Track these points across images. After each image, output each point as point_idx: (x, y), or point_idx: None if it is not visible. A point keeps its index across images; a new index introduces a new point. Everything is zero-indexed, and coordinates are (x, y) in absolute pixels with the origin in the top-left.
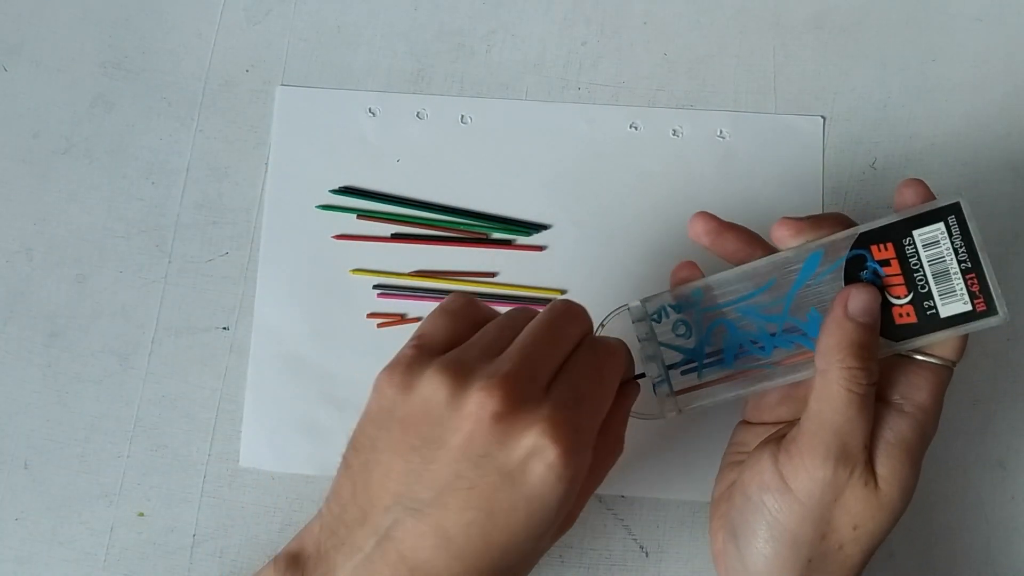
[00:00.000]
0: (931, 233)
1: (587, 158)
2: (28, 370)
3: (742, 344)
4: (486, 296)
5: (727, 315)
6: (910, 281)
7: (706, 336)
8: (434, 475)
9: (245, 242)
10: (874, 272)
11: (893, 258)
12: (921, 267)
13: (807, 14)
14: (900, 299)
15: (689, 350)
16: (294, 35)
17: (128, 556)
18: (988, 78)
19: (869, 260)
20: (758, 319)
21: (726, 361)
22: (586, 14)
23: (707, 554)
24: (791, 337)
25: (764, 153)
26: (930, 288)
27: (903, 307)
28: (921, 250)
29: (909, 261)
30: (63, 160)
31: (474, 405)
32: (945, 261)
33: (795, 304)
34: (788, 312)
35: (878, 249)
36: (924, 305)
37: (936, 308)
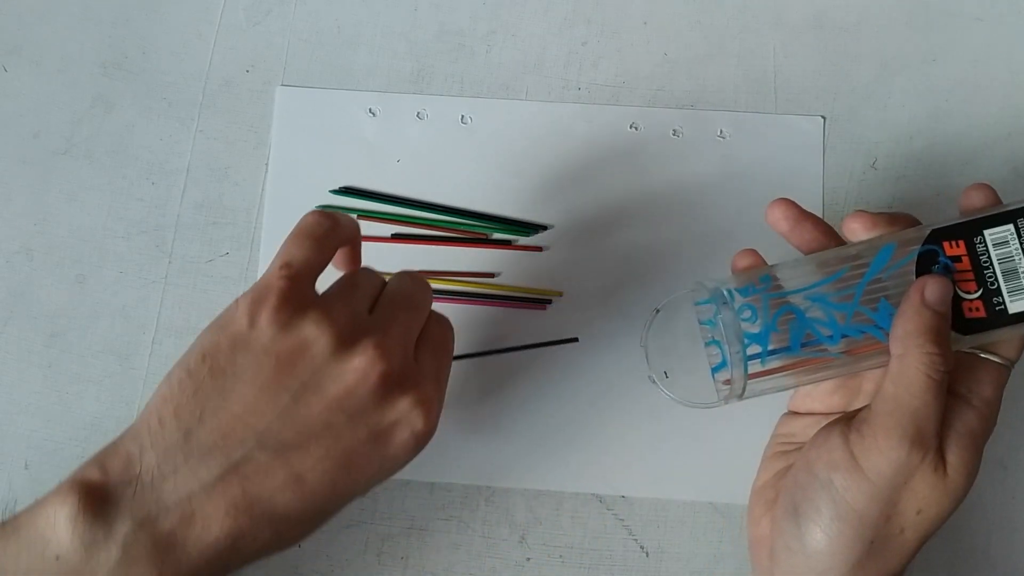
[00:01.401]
0: (1001, 233)
1: (587, 158)
2: (28, 370)
3: (810, 331)
4: (486, 296)
5: (795, 302)
6: (980, 277)
7: (772, 322)
8: (303, 419)
9: (245, 242)
10: (945, 267)
11: (964, 255)
12: (991, 265)
13: (807, 14)
14: (970, 294)
15: (754, 335)
16: (294, 35)
17: None
18: (988, 78)
19: (941, 255)
20: (827, 307)
21: (792, 348)
22: (586, 14)
23: (707, 554)
24: (861, 327)
25: (764, 153)
26: (999, 285)
27: (973, 302)
28: (991, 248)
29: (980, 258)
30: (63, 160)
31: (363, 361)
32: (1014, 260)
33: (866, 294)
34: (858, 302)
35: (950, 245)
36: (993, 301)
37: (1004, 304)
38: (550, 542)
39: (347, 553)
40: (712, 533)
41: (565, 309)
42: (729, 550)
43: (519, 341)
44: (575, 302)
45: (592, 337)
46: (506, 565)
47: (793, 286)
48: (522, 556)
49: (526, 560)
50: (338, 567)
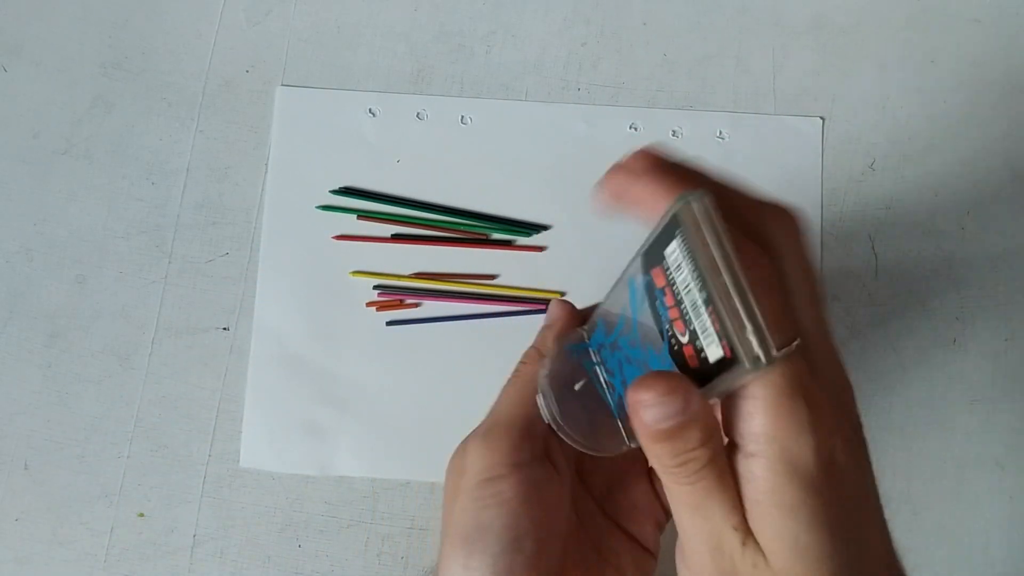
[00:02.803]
0: (675, 254)
1: (587, 158)
2: (28, 370)
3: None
4: (486, 297)
5: (617, 348)
6: (683, 314)
7: (618, 369)
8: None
9: (245, 242)
10: (662, 304)
11: (668, 286)
12: (681, 297)
13: (807, 15)
14: (683, 336)
15: (616, 381)
16: (294, 35)
17: (128, 556)
18: (986, 79)
19: (655, 288)
20: (631, 353)
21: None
22: (586, 15)
23: None
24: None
25: (763, 154)
26: (694, 324)
27: (687, 346)
28: (675, 274)
29: (674, 288)
30: (63, 160)
31: None
32: (692, 291)
33: (643, 338)
34: (640, 346)
35: (656, 274)
36: (696, 346)
37: (705, 351)
38: None
39: (347, 553)
40: None
41: None
42: None
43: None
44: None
45: None
46: None
47: (610, 331)
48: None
49: None
50: (338, 567)
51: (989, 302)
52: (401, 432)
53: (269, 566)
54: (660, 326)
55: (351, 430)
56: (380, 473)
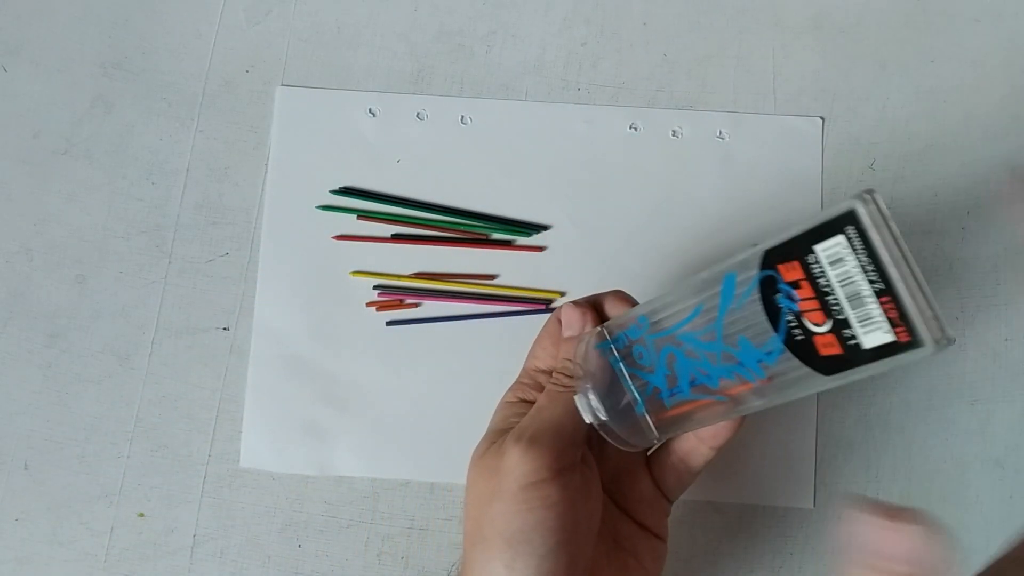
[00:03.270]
0: (834, 248)
1: (587, 159)
2: (28, 370)
3: (692, 373)
4: (486, 297)
5: (674, 342)
6: (825, 305)
7: (661, 363)
8: None
9: (245, 242)
10: (788, 295)
11: (803, 279)
12: (832, 288)
13: (807, 15)
14: (820, 327)
15: (651, 376)
16: (294, 35)
17: (128, 556)
18: (986, 79)
19: (780, 282)
20: (699, 347)
21: (683, 390)
22: (586, 15)
23: (707, 554)
24: (730, 367)
25: (763, 154)
26: (847, 315)
27: (824, 336)
28: (828, 268)
29: (818, 282)
30: (63, 160)
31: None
32: (855, 281)
33: (725, 331)
34: (721, 340)
35: (786, 269)
36: (843, 334)
37: (857, 338)
38: None
39: (347, 553)
40: (712, 533)
41: None
42: (729, 550)
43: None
44: None
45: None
46: None
47: (668, 324)
48: None
49: None
50: (338, 567)
51: (989, 302)
52: (401, 432)
53: (269, 566)
54: (774, 316)
55: (351, 430)
56: (380, 473)
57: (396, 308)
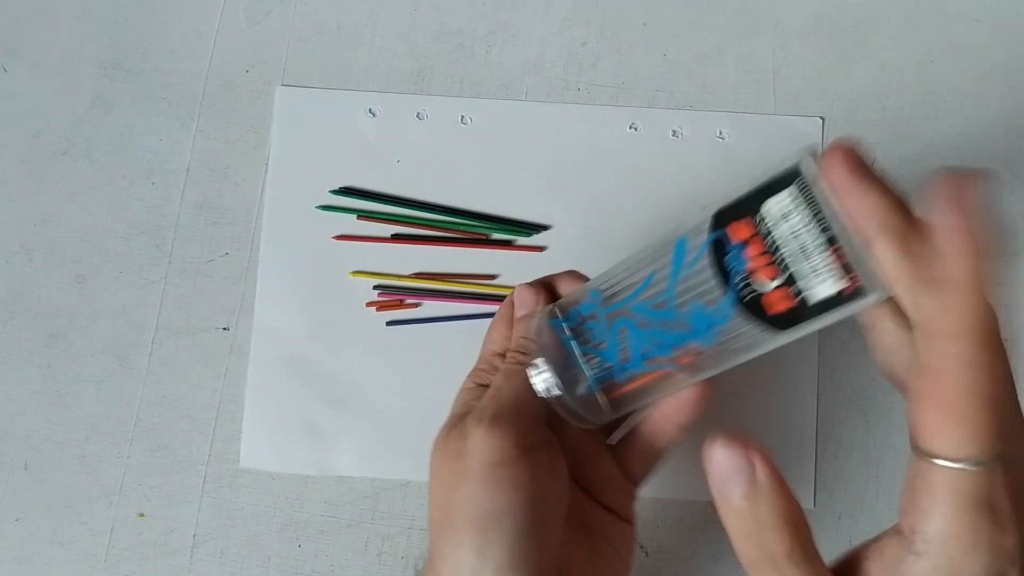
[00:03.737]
0: (782, 203)
1: (587, 159)
2: (28, 370)
3: (645, 344)
4: (486, 297)
5: (626, 314)
6: (776, 261)
7: (613, 338)
8: None
9: (245, 242)
10: (735, 256)
11: (753, 235)
12: (782, 243)
13: (807, 15)
14: (770, 282)
15: (603, 352)
16: (294, 35)
17: (128, 556)
18: (986, 79)
19: (729, 243)
20: (652, 316)
21: (635, 363)
22: (586, 15)
23: (707, 554)
24: (683, 334)
25: (763, 154)
26: (798, 266)
27: (775, 292)
28: (778, 223)
29: (768, 237)
30: (63, 160)
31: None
32: (805, 234)
33: (678, 298)
34: (674, 307)
35: (735, 229)
36: (795, 288)
37: (809, 289)
38: None
39: (347, 553)
40: (712, 533)
41: None
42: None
43: None
44: None
45: None
46: None
47: (620, 297)
48: None
49: None
50: (338, 567)
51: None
52: (401, 432)
53: (269, 566)
54: (725, 279)
55: (351, 430)
56: (380, 473)
57: (396, 308)
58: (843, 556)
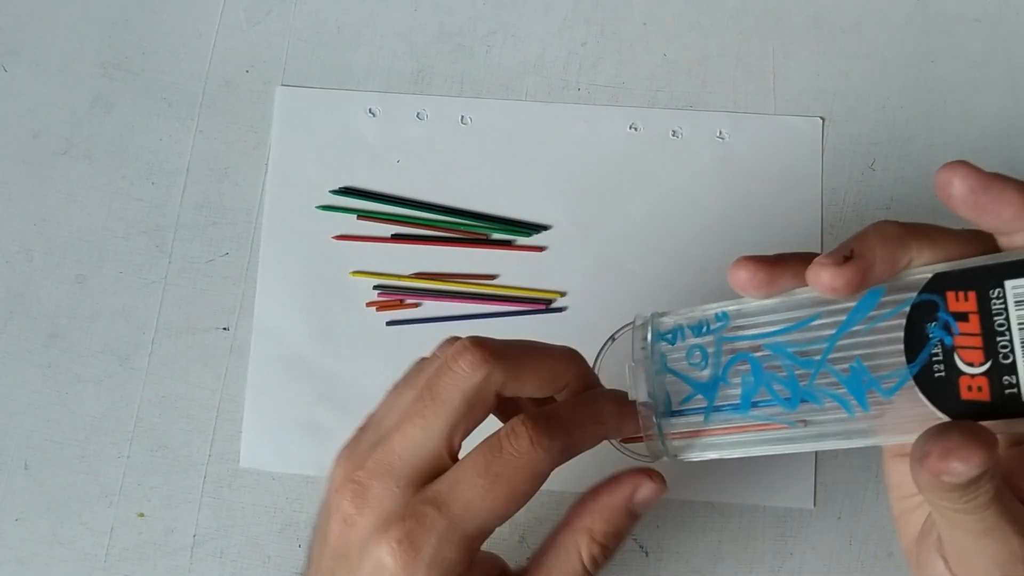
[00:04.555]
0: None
1: (587, 159)
2: (28, 370)
3: (765, 389)
4: (486, 297)
5: (753, 350)
6: (990, 346)
7: (723, 371)
8: None
9: (245, 242)
10: (945, 326)
11: (974, 312)
12: (1008, 330)
13: (807, 15)
14: (973, 367)
15: (700, 384)
16: (294, 35)
17: (128, 556)
18: (987, 79)
19: (942, 310)
20: (789, 361)
21: (742, 406)
22: (586, 15)
23: (707, 554)
24: (825, 391)
25: (763, 154)
26: (1015, 359)
27: (975, 378)
28: (1012, 307)
29: (994, 319)
30: (63, 160)
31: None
32: None
33: (838, 350)
34: (827, 359)
35: (955, 297)
36: (1003, 381)
37: (1019, 387)
38: None
39: None
40: (712, 533)
41: (565, 309)
42: (729, 550)
43: None
44: (574, 301)
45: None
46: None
47: (756, 330)
48: (522, 556)
49: (526, 560)
50: None
51: None
52: None
53: (269, 566)
54: (913, 347)
55: (351, 430)
56: None
57: (396, 308)
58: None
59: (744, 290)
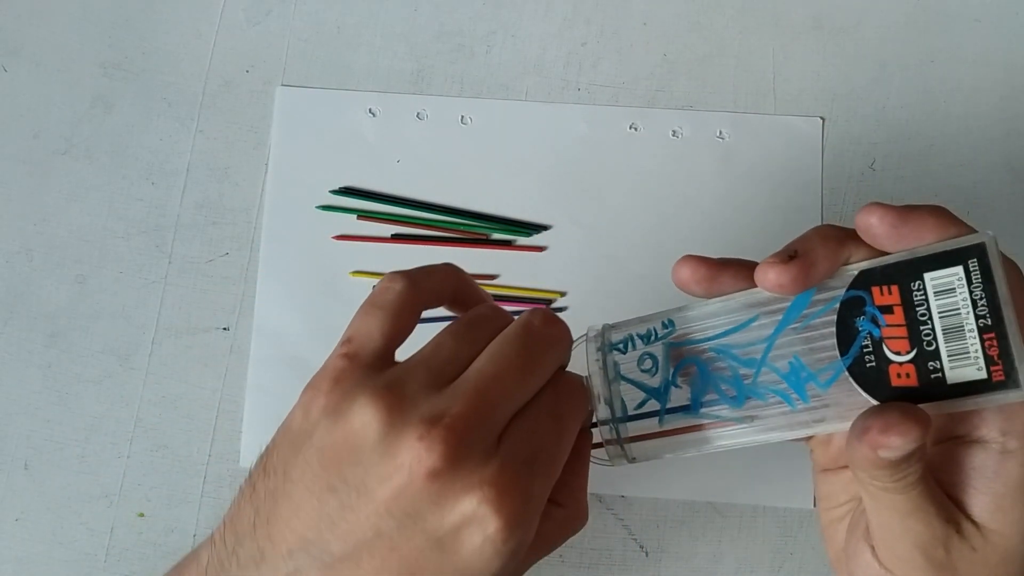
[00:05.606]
0: (946, 278)
1: (587, 158)
2: (28, 370)
3: (712, 390)
4: None
5: (699, 353)
6: (915, 335)
7: (672, 376)
8: (351, 526)
9: (245, 242)
10: (872, 319)
11: (897, 304)
12: (930, 319)
13: (807, 15)
14: (900, 355)
15: (652, 389)
16: (294, 35)
17: (128, 556)
18: (986, 79)
19: (868, 304)
20: (733, 362)
21: (692, 407)
22: (586, 15)
23: (707, 554)
24: (768, 387)
25: (763, 154)
26: (938, 346)
27: (903, 366)
28: (932, 298)
29: (916, 310)
30: (63, 160)
31: (409, 456)
32: (960, 314)
33: (777, 348)
34: (767, 357)
35: (880, 292)
36: (928, 366)
37: (942, 371)
38: None
39: None
40: (712, 533)
41: (566, 309)
42: (728, 550)
43: None
44: (576, 302)
45: None
46: None
47: (698, 334)
48: None
49: None
50: None
51: None
52: None
53: None
54: (845, 341)
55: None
56: None
57: None
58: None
59: (686, 286)
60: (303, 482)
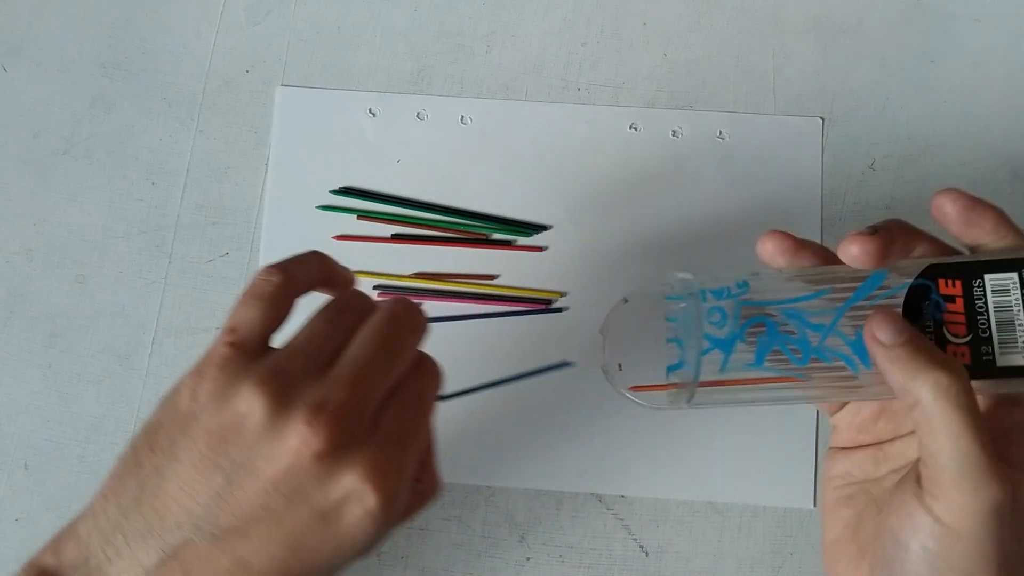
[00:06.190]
0: (1004, 281)
1: (587, 158)
2: (28, 370)
3: (778, 348)
4: (487, 297)
5: (769, 313)
6: (972, 323)
7: (740, 330)
8: (239, 502)
9: (245, 242)
10: (936, 305)
11: (959, 296)
12: (986, 311)
13: (807, 15)
14: (957, 338)
15: (718, 340)
16: (294, 35)
17: None
18: (986, 79)
19: (934, 292)
20: (802, 325)
21: (756, 361)
22: (586, 15)
23: (707, 554)
24: (833, 351)
25: (763, 154)
26: (991, 334)
27: (959, 346)
28: (990, 294)
29: (975, 303)
30: (63, 160)
31: (296, 440)
32: (1012, 310)
33: (846, 319)
34: (836, 325)
35: (945, 283)
36: (982, 350)
37: (993, 355)
38: (550, 542)
39: None
40: (712, 533)
41: (566, 309)
42: (729, 550)
43: (520, 343)
44: (576, 302)
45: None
46: (506, 565)
47: (771, 297)
48: (522, 556)
49: (526, 560)
50: None
51: None
52: None
53: None
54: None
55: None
56: None
57: None
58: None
59: (771, 257)
60: (190, 460)
